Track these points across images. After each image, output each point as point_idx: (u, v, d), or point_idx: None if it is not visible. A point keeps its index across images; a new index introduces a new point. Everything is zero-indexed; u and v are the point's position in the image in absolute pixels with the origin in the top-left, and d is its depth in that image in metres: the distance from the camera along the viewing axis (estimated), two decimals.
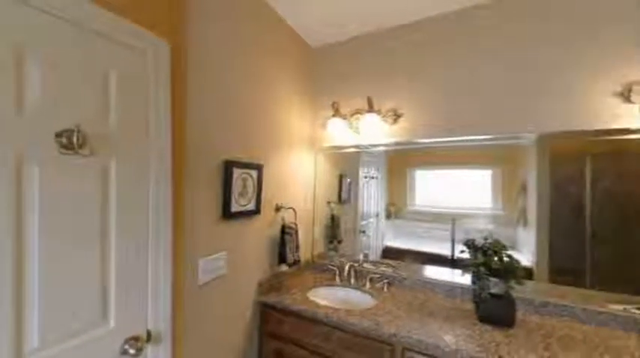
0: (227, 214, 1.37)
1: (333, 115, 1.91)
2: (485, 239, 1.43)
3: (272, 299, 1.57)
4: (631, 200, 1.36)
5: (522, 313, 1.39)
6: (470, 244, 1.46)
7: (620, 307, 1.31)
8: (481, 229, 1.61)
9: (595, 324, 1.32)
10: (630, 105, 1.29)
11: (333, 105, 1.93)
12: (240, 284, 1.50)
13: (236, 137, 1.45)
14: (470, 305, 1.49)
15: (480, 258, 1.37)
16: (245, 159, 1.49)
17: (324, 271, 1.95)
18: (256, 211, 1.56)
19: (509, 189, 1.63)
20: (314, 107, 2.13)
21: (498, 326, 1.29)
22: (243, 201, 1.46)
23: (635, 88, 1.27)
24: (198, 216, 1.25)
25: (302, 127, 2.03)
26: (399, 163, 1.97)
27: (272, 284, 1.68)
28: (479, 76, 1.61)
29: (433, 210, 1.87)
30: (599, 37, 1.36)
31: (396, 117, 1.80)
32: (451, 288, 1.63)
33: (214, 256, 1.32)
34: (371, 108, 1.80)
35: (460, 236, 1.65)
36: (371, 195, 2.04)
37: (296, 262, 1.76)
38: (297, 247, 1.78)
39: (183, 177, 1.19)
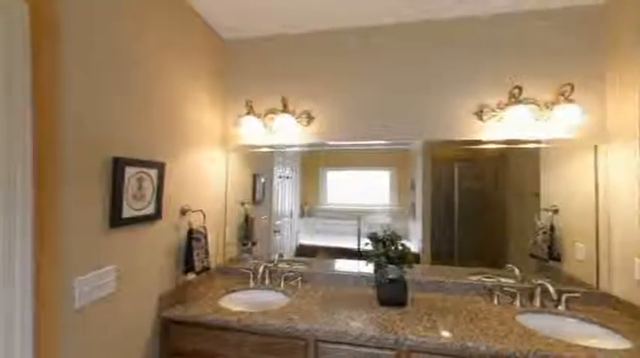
0: (117, 221, 1.16)
1: (247, 114, 1.85)
2: (385, 231, 1.64)
3: (177, 313, 1.41)
4: (483, 196, 1.78)
5: (412, 292, 1.65)
6: (372, 237, 1.64)
7: (476, 278, 1.70)
8: (382, 223, 1.84)
9: (461, 294, 1.67)
10: (482, 123, 1.69)
11: (247, 103, 1.87)
12: (136, 302, 1.30)
13: (130, 131, 1.25)
14: (373, 292, 1.67)
15: (381, 249, 1.56)
16: (142, 157, 1.29)
17: (237, 275, 1.87)
18: (156, 215, 1.37)
19: (403, 187, 1.91)
20: (227, 104, 2.02)
21: (395, 307, 1.50)
22: (138, 205, 1.27)
23: (485, 109, 1.67)
24: (76, 225, 1.02)
25: (213, 124, 1.89)
26: (313, 164, 2.05)
27: (177, 296, 1.52)
28: (381, 90, 1.83)
29: (342, 207, 2.03)
30: (466, 72, 1.74)
31: (310, 119, 1.88)
32: (358, 278, 1.79)
33: (98, 272, 1.10)
34: (285, 109, 1.82)
35: (365, 230, 1.84)
36: (285, 195, 2.07)
37: (205, 269, 1.63)
38: (207, 252, 1.66)
39: (54, 177, 0.95)
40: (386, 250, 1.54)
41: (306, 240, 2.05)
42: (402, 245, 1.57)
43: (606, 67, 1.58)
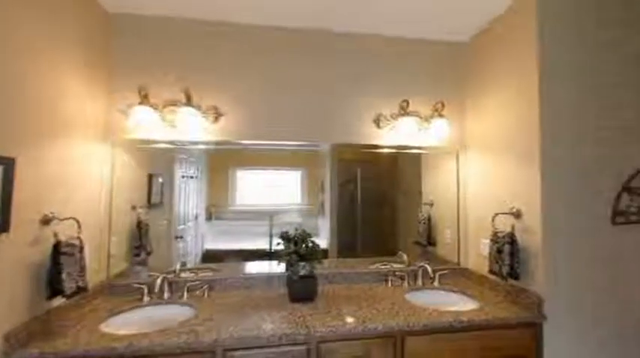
0: None
1: (141, 103, 1.59)
2: (296, 230, 1.68)
3: (34, 351, 1.10)
4: (380, 194, 2.04)
5: (322, 286, 1.74)
6: (284, 236, 1.66)
7: (374, 266, 1.92)
8: (293, 222, 1.88)
9: (363, 282, 1.86)
10: (379, 130, 1.93)
11: (140, 90, 1.60)
12: None
13: None
14: (285, 290, 1.69)
15: (292, 247, 1.59)
16: None
17: (127, 292, 1.59)
18: (1, 228, 1.04)
19: (313, 187, 2.00)
20: (113, 88, 1.69)
21: (306, 302, 1.55)
22: None
23: (381, 118, 1.91)
24: None
25: (91, 112, 1.56)
26: (221, 163, 1.93)
27: (35, 329, 1.18)
28: (292, 93, 1.87)
29: (254, 208, 1.98)
30: (367, 84, 1.94)
31: (218, 115, 1.76)
32: (270, 279, 1.78)
33: None
34: (189, 102, 1.65)
35: (277, 230, 1.84)
36: (190, 197, 1.88)
37: (81, 289, 1.32)
38: (83, 269, 1.35)
39: None
40: (297, 248, 1.58)
41: (214, 245, 1.91)
42: (312, 242, 1.64)
43: (465, 92, 2.03)
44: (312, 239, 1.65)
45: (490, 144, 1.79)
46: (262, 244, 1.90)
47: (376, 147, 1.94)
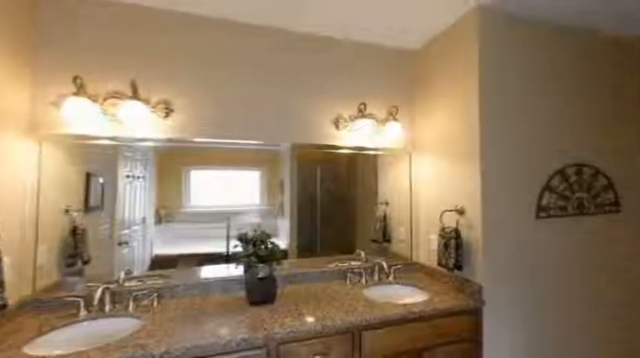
0: None
1: (76, 94, 1.42)
2: (255, 231, 1.64)
3: None
4: (339, 194, 2.08)
5: (282, 287, 1.72)
6: (242, 238, 1.61)
7: (334, 265, 1.96)
8: (252, 223, 1.83)
9: (323, 281, 1.88)
10: (338, 131, 1.97)
11: (75, 79, 1.43)
12: None
13: None
14: (244, 294, 1.64)
15: (251, 249, 1.55)
16: None
17: (59, 307, 1.41)
18: None
19: (272, 187, 1.97)
20: (41, 76, 1.48)
21: (266, 305, 1.52)
22: None
23: (340, 119, 1.96)
24: None
25: (13, 101, 1.35)
26: (173, 161, 1.81)
27: None
28: (252, 90, 1.82)
29: (210, 209, 1.89)
30: (327, 85, 1.97)
31: (169, 111, 1.64)
32: (227, 283, 1.71)
33: None
34: (136, 95, 1.52)
35: (235, 232, 1.78)
36: (136, 198, 1.72)
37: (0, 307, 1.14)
38: (1, 284, 1.16)
39: None
40: (255, 250, 1.54)
41: (165, 250, 1.78)
42: (272, 243, 1.62)
43: (416, 97, 2.17)
44: (272, 240, 1.63)
45: (438, 146, 1.94)
46: (219, 247, 1.82)
47: (335, 147, 1.98)
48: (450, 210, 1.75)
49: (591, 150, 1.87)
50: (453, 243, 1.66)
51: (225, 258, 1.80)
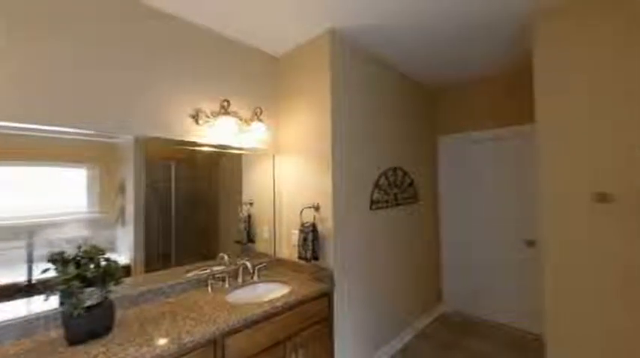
0: None
1: None
2: (79, 248, 1.26)
3: None
4: (199, 194, 1.90)
5: (122, 311, 1.41)
6: (57, 259, 1.20)
7: (192, 274, 1.78)
8: (74, 237, 1.40)
9: (179, 293, 1.67)
10: (198, 126, 1.80)
11: None
12: None
13: None
14: (60, 332, 1.23)
15: (73, 271, 1.18)
16: None
17: None
18: None
19: (109, 188, 1.57)
20: None
21: (97, 339, 1.20)
22: None
23: (200, 114, 1.79)
24: None
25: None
26: None
27: None
28: (79, 64, 1.38)
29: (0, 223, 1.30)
30: (186, 76, 1.75)
31: None
32: (29, 324, 1.23)
33: None
34: None
35: (44, 252, 1.30)
36: None
37: None
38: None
39: None
40: (80, 271, 1.19)
41: None
42: (107, 259, 1.29)
43: (280, 101, 2.28)
44: (106, 256, 1.30)
45: (298, 148, 2.11)
46: (13, 276, 1.28)
47: (194, 144, 1.80)
48: (309, 207, 1.95)
49: (402, 158, 2.57)
50: (310, 236, 1.85)
51: (27, 290, 1.29)
